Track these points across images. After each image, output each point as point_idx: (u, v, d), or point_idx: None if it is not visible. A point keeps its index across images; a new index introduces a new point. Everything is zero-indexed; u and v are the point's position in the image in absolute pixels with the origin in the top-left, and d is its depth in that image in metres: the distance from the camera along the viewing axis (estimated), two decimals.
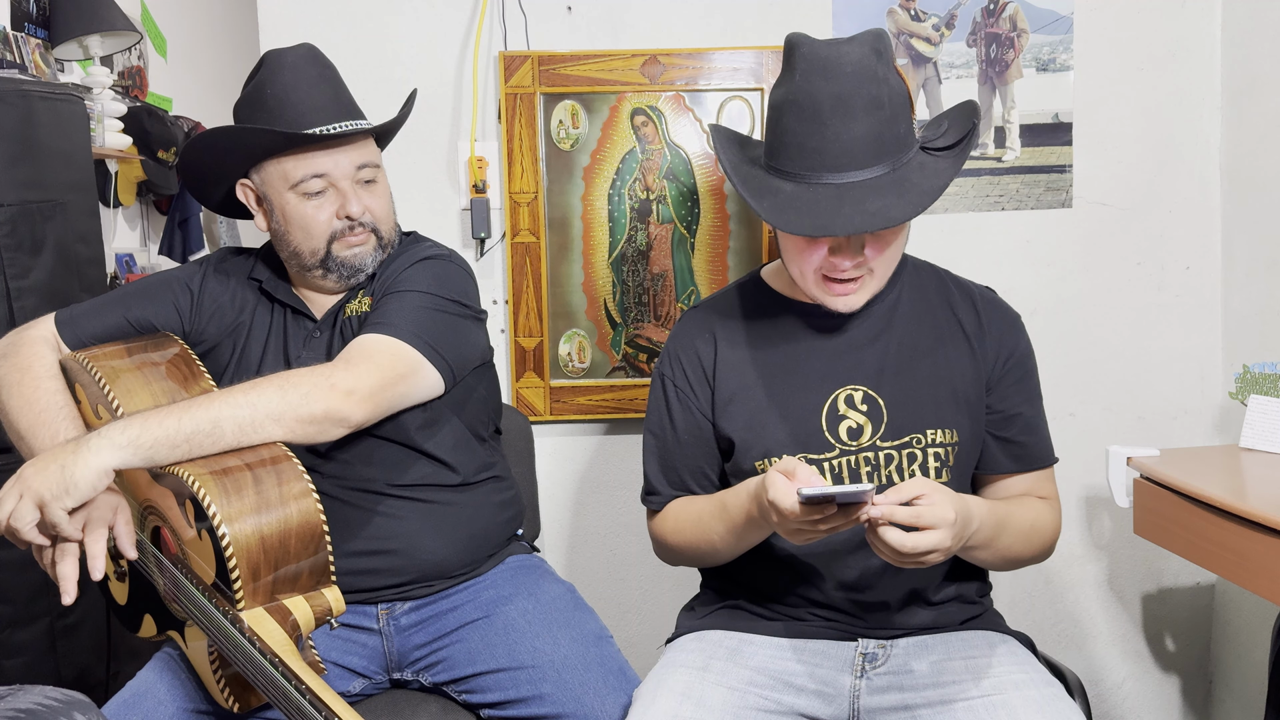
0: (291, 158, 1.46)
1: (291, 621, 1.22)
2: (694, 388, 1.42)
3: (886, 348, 1.38)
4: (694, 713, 1.25)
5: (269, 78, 1.48)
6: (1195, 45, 1.98)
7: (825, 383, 1.37)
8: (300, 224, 1.48)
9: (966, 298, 1.42)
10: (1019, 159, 2.00)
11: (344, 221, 1.48)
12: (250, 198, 1.54)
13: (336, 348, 1.49)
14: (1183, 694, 2.14)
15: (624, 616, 2.11)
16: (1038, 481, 1.42)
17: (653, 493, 1.47)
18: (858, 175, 1.24)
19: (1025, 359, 1.41)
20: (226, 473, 1.24)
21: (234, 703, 1.29)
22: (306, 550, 1.25)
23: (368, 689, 1.50)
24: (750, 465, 1.38)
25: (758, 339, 1.42)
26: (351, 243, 1.49)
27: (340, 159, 1.48)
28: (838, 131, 1.23)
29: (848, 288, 1.31)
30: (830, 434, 1.35)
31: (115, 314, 1.54)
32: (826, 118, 1.22)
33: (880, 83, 1.24)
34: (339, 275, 1.51)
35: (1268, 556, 1.34)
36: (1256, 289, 1.93)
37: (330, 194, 1.48)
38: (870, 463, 1.34)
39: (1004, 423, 1.39)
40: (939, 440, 1.35)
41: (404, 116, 1.58)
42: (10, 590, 2.04)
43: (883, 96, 1.24)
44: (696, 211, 1.99)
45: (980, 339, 1.39)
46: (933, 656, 1.35)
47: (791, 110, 1.25)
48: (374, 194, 1.52)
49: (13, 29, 2.94)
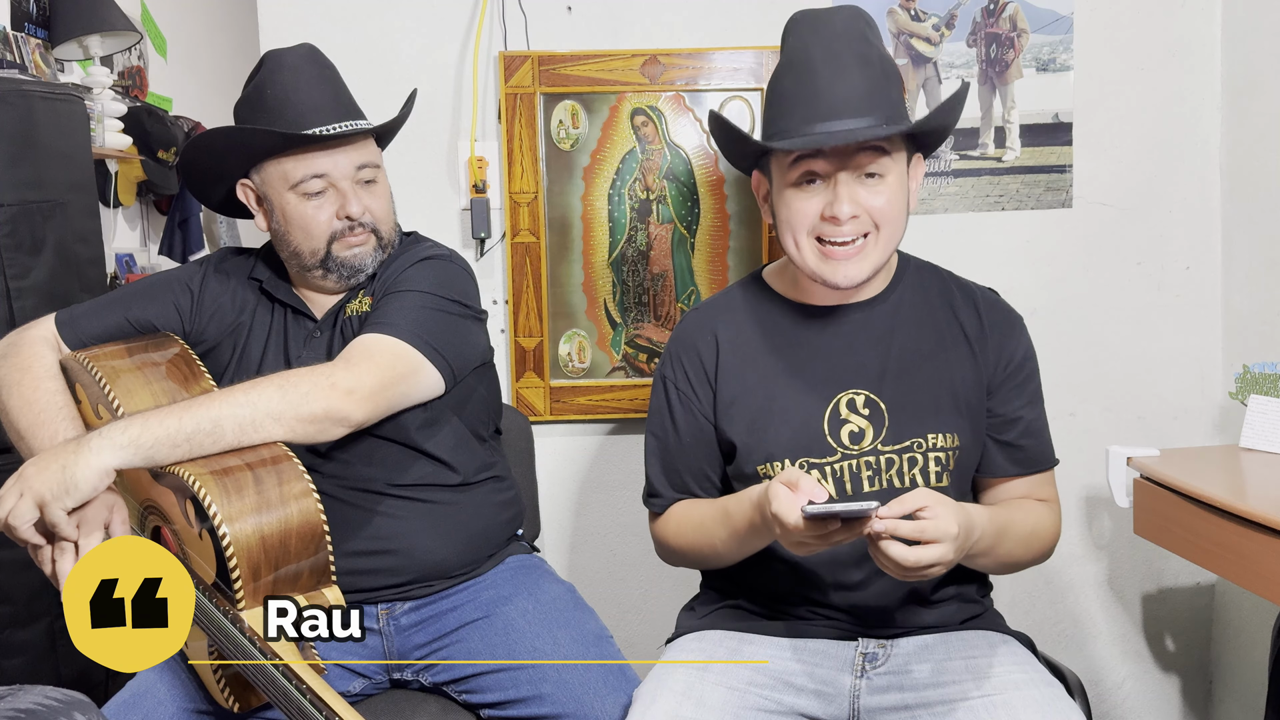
0: (291, 158, 1.46)
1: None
2: (695, 390, 1.42)
3: (888, 351, 1.37)
4: (694, 712, 1.26)
5: (269, 78, 1.48)
6: (1195, 45, 1.98)
7: (827, 386, 1.36)
8: (300, 224, 1.48)
9: (969, 300, 1.42)
10: (1019, 159, 2.00)
11: (344, 222, 1.48)
12: (250, 198, 1.54)
13: (337, 347, 1.49)
14: (1183, 694, 2.14)
15: (624, 616, 2.11)
16: (1038, 484, 1.42)
17: (655, 495, 1.47)
18: (849, 123, 1.26)
19: (1027, 362, 1.41)
20: (227, 472, 1.24)
21: (234, 702, 1.29)
22: (307, 550, 1.25)
23: (368, 689, 1.50)
24: (752, 470, 1.38)
25: (759, 340, 1.41)
26: (351, 243, 1.49)
27: (340, 159, 1.48)
28: (830, 81, 1.26)
29: (847, 251, 1.29)
30: (832, 438, 1.35)
31: (116, 314, 1.54)
32: (819, 68, 1.27)
33: (869, 44, 1.29)
34: (339, 275, 1.51)
35: (1268, 556, 1.34)
36: (1256, 289, 1.93)
37: (330, 194, 1.48)
38: (871, 466, 1.34)
39: (1005, 426, 1.39)
40: (940, 444, 1.35)
41: (404, 116, 1.58)
42: (10, 590, 2.04)
43: (872, 56, 1.28)
44: (696, 211, 1.99)
45: (982, 342, 1.39)
46: (933, 657, 1.35)
47: (787, 71, 1.31)
48: (374, 194, 1.52)
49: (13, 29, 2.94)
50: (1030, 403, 1.41)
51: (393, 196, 1.58)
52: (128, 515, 1.31)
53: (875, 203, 1.28)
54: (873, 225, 1.29)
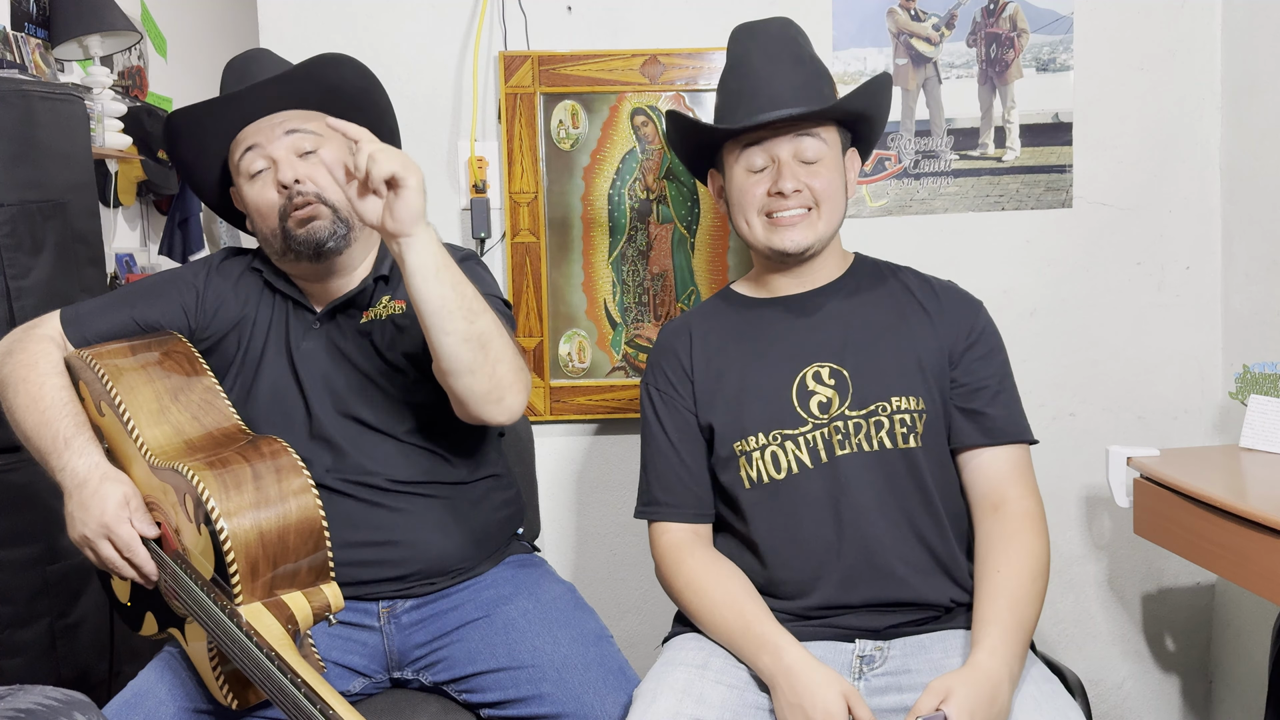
0: (235, 142, 1.49)
1: (289, 617, 1.22)
2: (677, 387, 1.50)
3: (849, 325, 1.46)
4: (695, 710, 1.26)
5: (223, 80, 1.55)
6: (1195, 45, 1.98)
7: (793, 362, 1.45)
8: (255, 207, 1.48)
9: (925, 283, 1.51)
10: (1019, 159, 2.00)
11: (284, 194, 1.44)
12: (240, 204, 1.55)
13: (337, 340, 1.50)
14: (1183, 694, 2.14)
15: (624, 616, 2.11)
16: (1013, 463, 1.41)
17: (652, 503, 1.49)
18: (786, 112, 1.41)
19: (988, 337, 1.46)
20: (227, 468, 1.25)
21: (233, 700, 1.29)
22: (305, 546, 1.25)
23: (368, 688, 1.50)
24: (729, 450, 1.43)
25: (730, 333, 1.51)
26: (300, 218, 1.44)
27: (265, 126, 1.47)
28: (768, 77, 1.44)
29: (792, 219, 1.43)
30: (802, 409, 1.42)
31: (121, 313, 1.53)
32: (757, 67, 1.45)
33: (800, 46, 1.48)
34: (305, 256, 1.46)
35: (1268, 556, 1.34)
36: (1256, 289, 1.93)
37: (270, 171, 1.46)
38: (840, 432, 1.40)
39: (970, 395, 1.43)
40: (904, 407, 1.40)
41: (326, 66, 1.49)
42: (10, 590, 2.04)
43: (803, 56, 1.47)
44: (696, 211, 1.99)
45: (940, 316, 1.46)
46: (930, 656, 1.35)
47: (731, 73, 1.49)
48: (312, 165, 1.46)
49: (13, 29, 2.94)
50: (995, 375, 1.45)
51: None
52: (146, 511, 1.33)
53: (814, 183, 1.43)
54: (814, 201, 1.44)
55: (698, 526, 1.48)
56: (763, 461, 1.42)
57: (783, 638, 1.31)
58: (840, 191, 1.47)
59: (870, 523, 1.38)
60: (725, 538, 1.50)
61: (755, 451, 1.42)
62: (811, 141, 1.44)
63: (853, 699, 1.24)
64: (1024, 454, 1.43)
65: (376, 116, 1.57)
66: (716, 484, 1.48)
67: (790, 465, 1.41)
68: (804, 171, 1.43)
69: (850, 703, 1.23)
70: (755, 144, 1.45)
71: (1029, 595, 1.31)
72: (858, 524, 1.38)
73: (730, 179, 1.49)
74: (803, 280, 1.50)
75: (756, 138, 1.44)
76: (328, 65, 1.49)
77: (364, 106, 1.55)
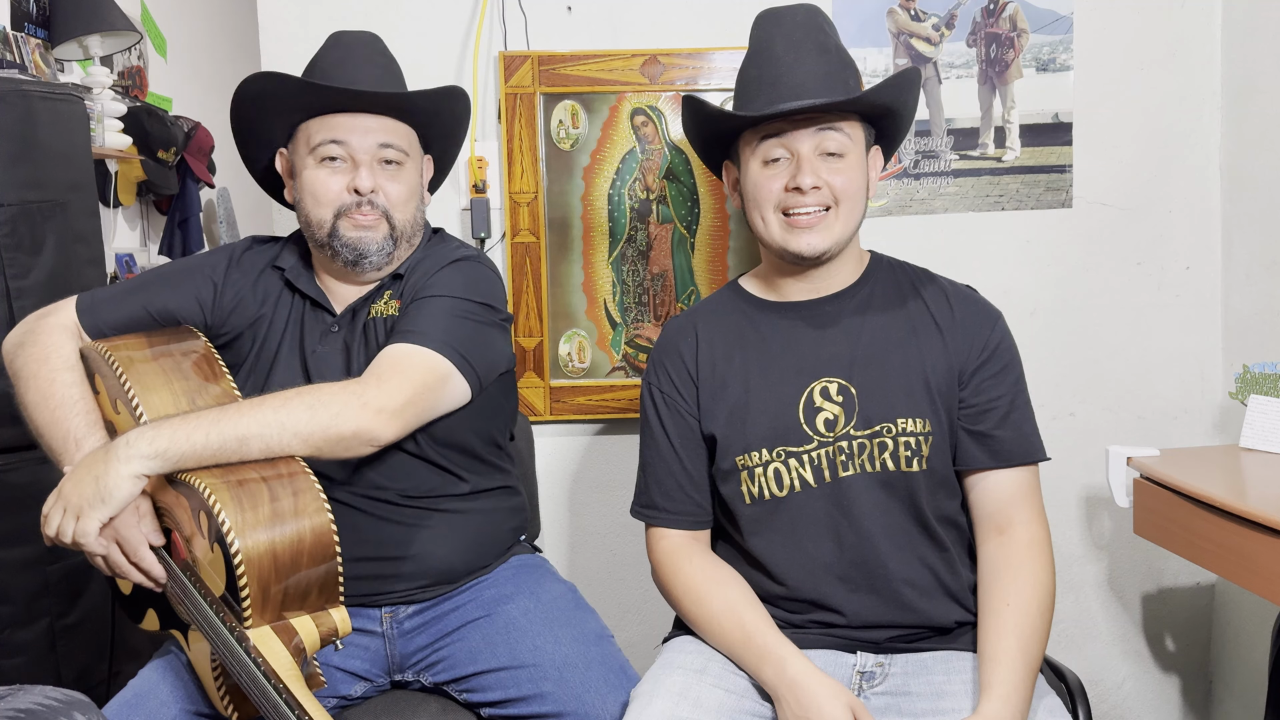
0: (318, 120, 1.46)
1: (296, 643, 1.20)
2: (680, 391, 1.45)
3: (859, 339, 1.40)
4: (691, 713, 1.25)
5: (325, 50, 1.52)
6: (1195, 45, 1.98)
7: (801, 376, 1.39)
8: (311, 190, 1.47)
9: (941, 293, 1.43)
10: (1019, 159, 2.00)
11: (353, 196, 1.45)
12: (285, 168, 1.54)
13: (354, 345, 1.48)
14: (1183, 694, 2.14)
15: (624, 616, 2.11)
16: (1020, 485, 1.38)
17: (650, 506, 1.47)
18: (809, 103, 1.34)
19: (1002, 353, 1.40)
20: (242, 485, 1.23)
21: (233, 711, 1.28)
22: (317, 569, 1.23)
23: (369, 691, 1.50)
24: (731, 463, 1.39)
25: (736, 337, 1.45)
26: (359, 222, 1.46)
27: (361, 128, 1.46)
28: (790, 66, 1.36)
29: (810, 220, 1.36)
30: (808, 426, 1.37)
31: (137, 303, 1.51)
32: (780, 55, 1.37)
33: (826, 35, 1.40)
34: (344, 258, 1.47)
35: (1268, 556, 1.34)
36: (1256, 289, 1.93)
37: (347, 166, 1.46)
38: (845, 452, 1.36)
39: (978, 416, 1.38)
40: (910, 429, 1.35)
41: (442, 100, 1.52)
42: (10, 590, 2.04)
43: (829, 45, 1.39)
44: (696, 211, 1.99)
45: (954, 331, 1.39)
46: (932, 676, 1.33)
47: (753, 60, 1.41)
48: (393, 178, 1.48)
49: (13, 29, 2.94)
50: (1008, 394, 1.39)
51: (423, 195, 1.56)
52: (154, 519, 1.31)
53: (835, 180, 1.36)
54: (833, 199, 1.37)
55: (696, 532, 1.46)
56: (765, 478, 1.38)
57: (785, 648, 1.29)
58: (861, 191, 1.39)
59: (873, 545, 1.35)
60: (724, 546, 1.48)
61: (758, 467, 1.38)
62: (835, 135, 1.36)
63: (859, 712, 1.22)
64: (1032, 475, 1.40)
65: (458, 141, 1.63)
66: (715, 494, 1.45)
67: (793, 483, 1.37)
68: (824, 168, 1.36)
69: (856, 715, 1.22)
70: (774, 135, 1.36)
71: (1037, 630, 1.29)
72: (860, 546, 1.35)
73: (746, 172, 1.41)
74: (816, 285, 1.43)
75: (776, 129, 1.36)
76: (443, 98, 1.52)
77: (455, 135, 1.61)
